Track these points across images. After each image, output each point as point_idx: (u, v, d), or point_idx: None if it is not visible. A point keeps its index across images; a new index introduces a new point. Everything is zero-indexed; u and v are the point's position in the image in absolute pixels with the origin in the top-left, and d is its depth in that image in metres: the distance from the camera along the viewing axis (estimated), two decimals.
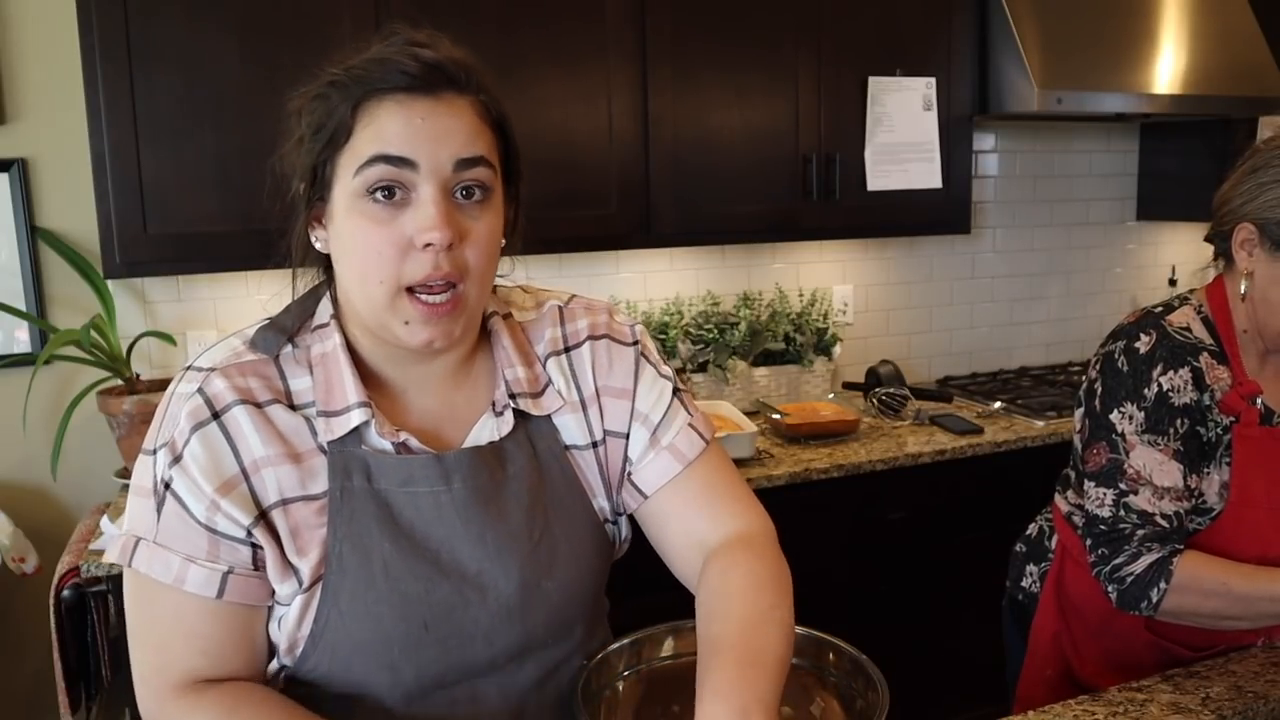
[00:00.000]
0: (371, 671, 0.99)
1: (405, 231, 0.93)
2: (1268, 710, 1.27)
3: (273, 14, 2.21)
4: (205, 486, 0.94)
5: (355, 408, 0.98)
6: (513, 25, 2.42)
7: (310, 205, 0.99)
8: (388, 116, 0.93)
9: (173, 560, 0.95)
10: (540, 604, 1.04)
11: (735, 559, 1.04)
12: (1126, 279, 3.78)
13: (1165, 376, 1.40)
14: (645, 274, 3.02)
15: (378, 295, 0.94)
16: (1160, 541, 1.37)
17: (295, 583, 0.97)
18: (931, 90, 2.87)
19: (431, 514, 0.99)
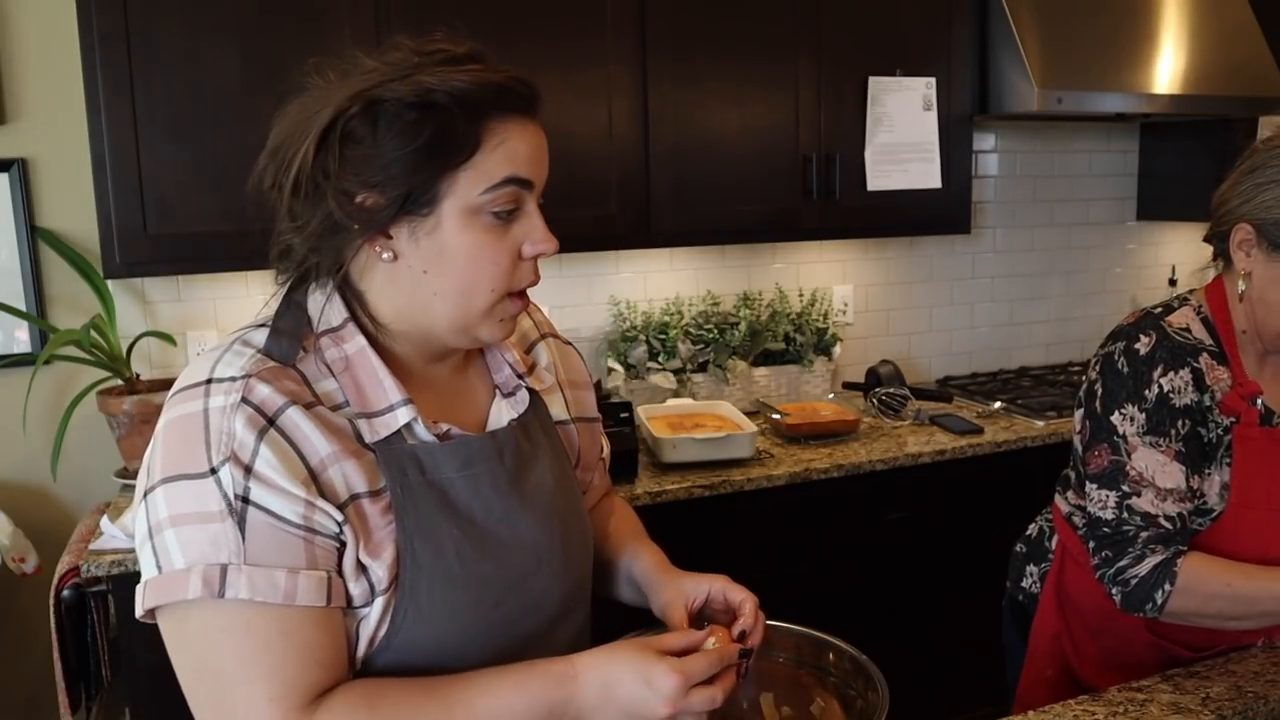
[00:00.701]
0: (444, 658, 0.99)
1: (517, 242, 1.00)
2: (1268, 710, 1.27)
3: (272, 15, 2.21)
4: (293, 488, 0.91)
5: (400, 406, 0.99)
6: (513, 25, 2.42)
7: (392, 218, 0.95)
8: (517, 139, 0.97)
9: (277, 576, 0.90)
10: (571, 565, 1.11)
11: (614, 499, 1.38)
12: (1126, 279, 3.78)
13: (1166, 378, 1.40)
14: (645, 274, 3.02)
15: (483, 302, 1.00)
16: (1164, 543, 1.36)
17: (366, 584, 0.96)
18: (931, 90, 2.87)
19: (489, 492, 1.03)
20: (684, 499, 2.35)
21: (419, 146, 0.93)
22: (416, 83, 0.94)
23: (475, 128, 0.95)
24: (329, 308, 1.01)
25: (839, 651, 1.20)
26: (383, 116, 0.94)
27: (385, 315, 1.02)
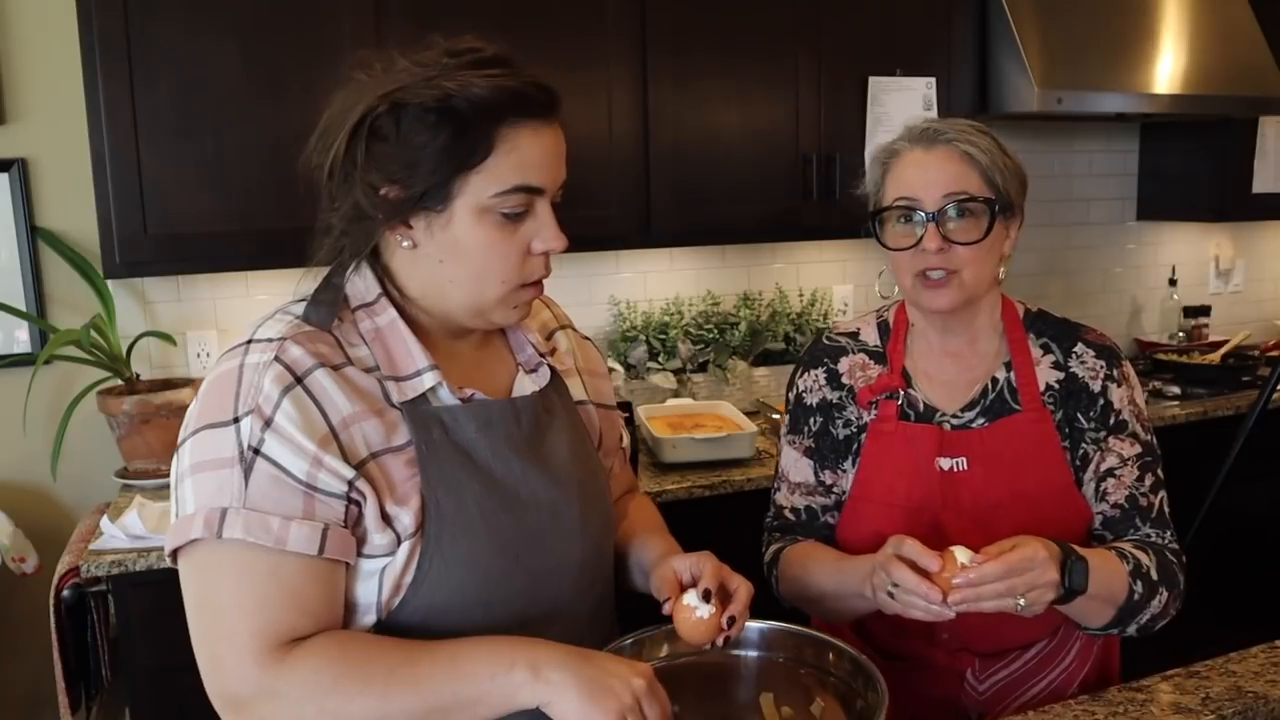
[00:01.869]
0: (469, 609, 1.05)
1: (526, 240, 1.07)
2: (1268, 710, 1.27)
3: (272, 15, 2.21)
4: (306, 444, 0.98)
5: (427, 371, 1.07)
6: (512, 25, 2.41)
7: (410, 210, 1.04)
8: (530, 145, 1.04)
9: (271, 521, 0.97)
10: (590, 532, 1.17)
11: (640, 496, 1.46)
12: (1126, 279, 3.78)
13: (802, 379, 1.51)
14: (645, 274, 3.02)
15: (495, 291, 1.08)
16: (785, 533, 1.48)
17: (393, 533, 1.02)
18: (931, 90, 2.87)
19: (507, 453, 1.11)
20: (684, 499, 2.35)
21: (436, 148, 1.01)
22: (438, 86, 1.01)
23: (489, 133, 1.01)
24: (363, 284, 1.10)
25: (839, 651, 1.20)
26: (405, 117, 1.01)
27: (411, 292, 1.10)
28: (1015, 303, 1.47)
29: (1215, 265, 3.92)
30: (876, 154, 1.41)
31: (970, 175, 1.33)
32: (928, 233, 1.32)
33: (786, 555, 1.44)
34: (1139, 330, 3.82)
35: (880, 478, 1.41)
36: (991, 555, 1.13)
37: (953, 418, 1.41)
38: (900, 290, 1.42)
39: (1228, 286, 3.95)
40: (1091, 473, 1.38)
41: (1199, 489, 2.50)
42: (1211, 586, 3.13)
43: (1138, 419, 1.41)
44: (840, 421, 1.46)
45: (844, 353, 1.49)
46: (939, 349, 1.44)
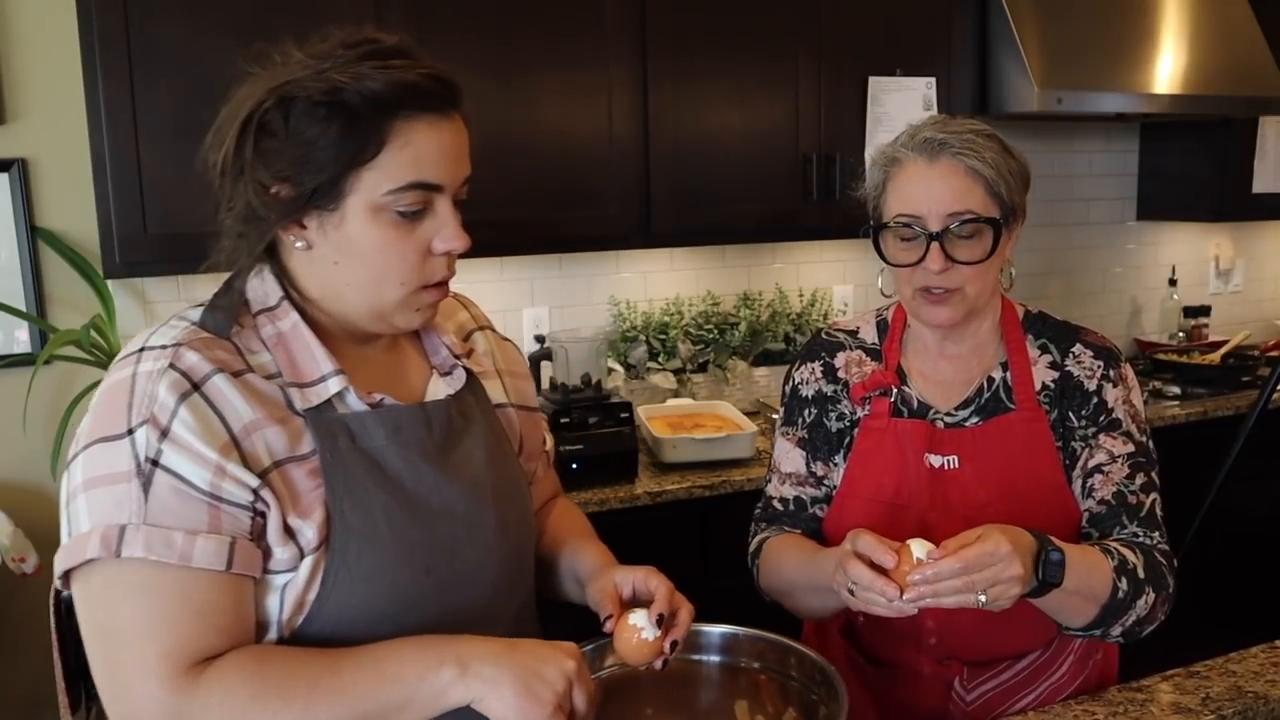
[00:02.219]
0: (377, 625, 1.00)
1: (426, 238, 1.02)
2: (1268, 710, 1.27)
3: (272, 15, 2.21)
4: (207, 453, 0.94)
5: (331, 376, 1.03)
6: (512, 25, 2.41)
7: (302, 209, 0.99)
8: (425, 140, 0.99)
9: (174, 536, 0.92)
10: (508, 540, 1.13)
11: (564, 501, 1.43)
12: (1126, 279, 3.78)
13: (799, 372, 1.50)
14: (645, 274, 3.02)
15: (394, 294, 1.03)
16: (770, 522, 1.47)
17: (296, 547, 0.98)
18: (931, 90, 2.87)
19: (418, 460, 1.06)
20: (684, 499, 2.35)
21: (325, 144, 0.96)
22: (327, 80, 0.97)
23: (381, 127, 0.97)
24: (264, 287, 1.05)
25: (801, 656, 1.20)
26: (294, 112, 0.97)
27: (311, 295, 1.06)
28: (1015, 304, 1.46)
29: (1215, 265, 3.92)
30: (878, 157, 1.38)
31: (974, 191, 1.30)
32: (930, 252, 1.30)
33: (768, 546, 1.43)
34: (1139, 330, 3.82)
35: (869, 474, 1.40)
36: (950, 550, 1.10)
37: (946, 415, 1.40)
38: (900, 300, 1.41)
39: (1228, 286, 3.95)
40: (1080, 469, 1.36)
41: (1199, 489, 2.50)
42: (1211, 586, 3.14)
43: (1133, 419, 1.39)
44: (834, 415, 1.45)
45: (841, 348, 1.48)
46: (936, 352, 1.44)
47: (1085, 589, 1.20)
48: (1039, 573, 1.14)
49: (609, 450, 2.38)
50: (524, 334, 2.88)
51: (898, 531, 1.32)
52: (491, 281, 2.86)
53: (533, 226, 2.51)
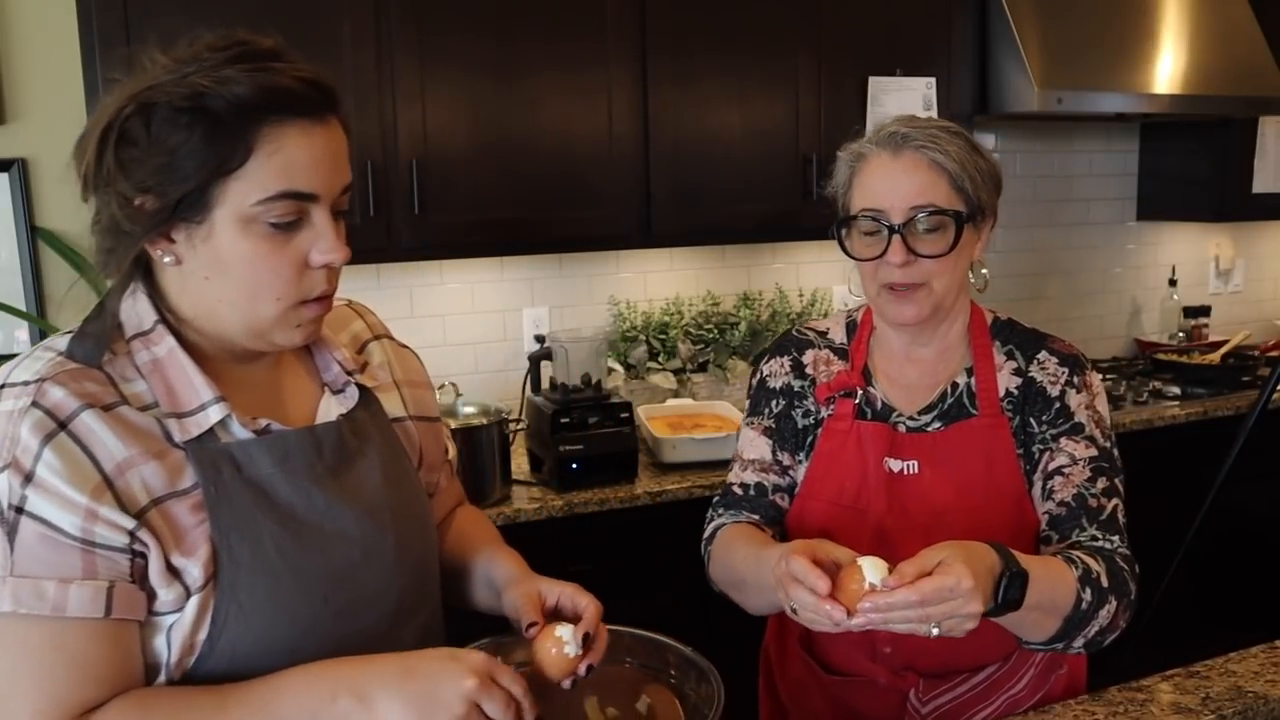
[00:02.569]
0: (276, 659, 0.95)
1: (302, 251, 0.96)
2: (1268, 710, 1.27)
3: (272, 15, 2.21)
4: (76, 496, 0.88)
5: (211, 404, 0.97)
6: (512, 25, 2.41)
7: (168, 222, 0.93)
8: (296, 147, 0.92)
9: (45, 587, 0.87)
10: (409, 561, 1.09)
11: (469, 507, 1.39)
12: (1126, 279, 3.78)
13: (767, 365, 1.49)
14: (645, 274, 3.02)
15: (270, 310, 0.96)
16: (729, 508, 1.45)
17: (181, 586, 0.93)
18: (931, 90, 2.87)
19: (310, 487, 1.01)
20: (684, 499, 2.35)
21: (188, 152, 0.90)
22: (190, 85, 0.91)
23: (247, 134, 0.90)
24: (138, 310, 0.99)
25: (675, 651, 1.20)
26: (155, 119, 0.91)
27: (184, 313, 0.99)
28: (985, 310, 1.44)
29: (1215, 265, 3.92)
30: (845, 154, 1.37)
31: (938, 185, 1.28)
32: (892, 245, 1.28)
33: (721, 535, 1.41)
34: (1139, 330, 3.82)
35: (831, 477, 1.38)
36: (907, 577, 1.03)
37: (909, 419, 1.38)
38: (867, 299, 1.40)
39: (1228, 286, 3.95)
40: (1040, 472, 1.34)
41: (1199, 489, 2.49)
42: (1211, 586, 3.14)
43: (1096, 425, 1.36)
44: (800, 411, 1.43)
45: (810, 346, 1.47)
46: (902, 355, 1.42)
47: (1047, 603, 1.16)
48: (999, 595, 1.08)
49: (609, 450, 2.38)
50: (524, 334, 2.88)
51: (857, 535, 1.32)
52: (491, 281, 2.86)
53: (533, 226, 2.51)
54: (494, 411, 2.33)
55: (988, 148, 3.43)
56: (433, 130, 2.37)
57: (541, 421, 2.39)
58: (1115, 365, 3.56)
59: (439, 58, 2.36)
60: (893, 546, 1.30)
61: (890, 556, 1.29)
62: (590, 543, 2.31)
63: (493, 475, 2.30)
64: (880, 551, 1.22)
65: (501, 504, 2.30)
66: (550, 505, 2.29)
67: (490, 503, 2.29)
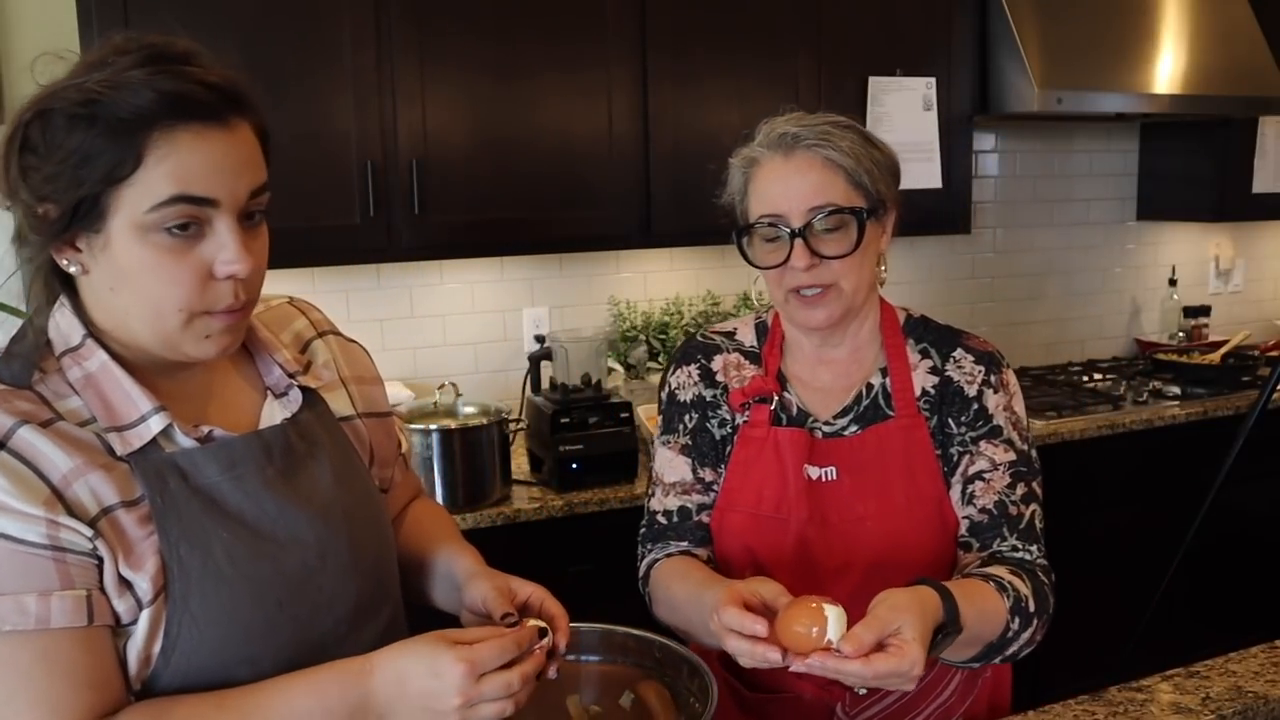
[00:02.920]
0: (231, 668, 0.95)
1: (204, 261, 0.92)
2: (1268, 710, 1.27)
3: (272, 15, 2.21)
4: (33, 509, 0.87)
5: (151, 415, 0.95)
6: (512, 25, 2.42)
7: (67, 230, 0.90)
8: (188, 152, 0.89)
9: (26, 601, 0.86)
10: (365, 562, 1.08)
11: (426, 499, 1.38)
12: (1126, 279, 3.78)
13: (674, 376, 1.43)
14: (645, 274, 3.02)
15: (174, 321, 0.93)
16: (655, 540, 1.39)
17: (133, 599, 0.92)
18: (931, 90, 2.87)
19: (260, 493, 1.00)
20: None
21: (80, 160, 0.88)
22: (86, 90, 0.89)
23: (138, 139, 0.88)
24: (64, 326, 0.96)
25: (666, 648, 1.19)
26: (50, 125, 0.90)
27: (99, 325, 0.97)
28: (896, 309, 1.41)
29: (1215, 265, 3.92)
30: (737, 160, 1.32)
31: (835, 183, 1.25)
32: (795, 250, 1.25)
33: (656, 575, 1.35)
34: (1139, 330, 3.82)
35: (747, 486, 1.34)
36: (865, 646, 0.99)
37: (825, 425, 1.35)
38: (776, 306, 1.37)
39: (1228, 286, 3.95)
40: (959, 475, 1.31)
41: (1199, 489, 2.50)
42: (1212, 586, 3.14)
43: (1014, 427, 1.33)
44: (715, 421, 1.39)
45: (718, 350, 1.42)
46: (814, 358, 1.38)
47: (974, 638, 1.14)
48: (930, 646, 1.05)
49: (609, 450, 2.38)
50: (524, 334, 2.88)
51: (778, 545, 1.30)
52: (491, 281, 2.86)
53: (533, 226, 2.51)
54: (494, 411, 2.33)
55: (987, 148, 3.44)
56: (433, 130, 2.37)
57: (541, 421, 2.39)
58: (1115, 365, 3.56)
59: (439, 58, 2.36)
60: (813, 556, 1.29)
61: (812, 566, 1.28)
62: (590, 543, 2.31)
63: (493, 475, 2.30)
64: (801, 562, 1.21)
65: (501, 504, 2.30)
66: (550, 505, 2.29)
67: (490, 503, 2.29)
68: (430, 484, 2.24)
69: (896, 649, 1.00)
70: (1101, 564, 2.97)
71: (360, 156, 2.31)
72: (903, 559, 1.29)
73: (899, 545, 1.28)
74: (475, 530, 2.20)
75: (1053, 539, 1.50)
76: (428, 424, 2.25)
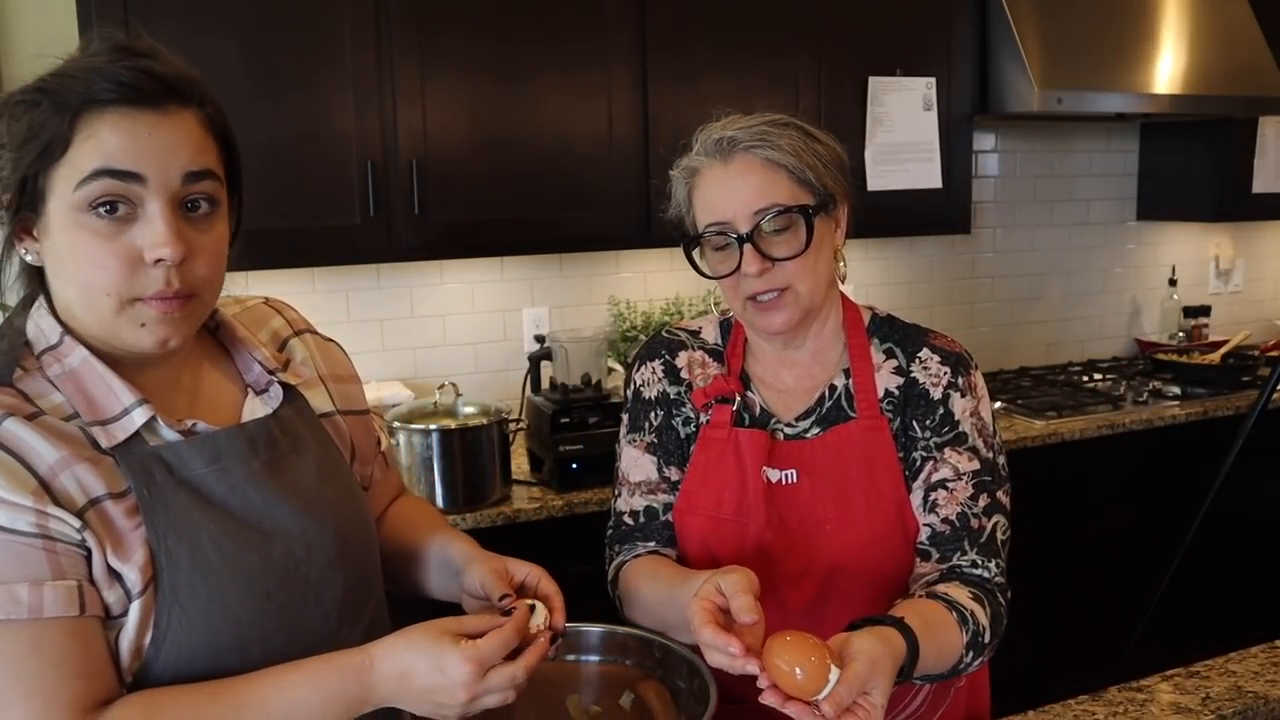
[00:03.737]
0: (222, 659, 0.96)
1: (135, 246, 0.92)
2: (1268, 710, 1.27)
3: (272, 15, 2.21)
4: (21, 499, 0.88)
5: (135, 408, 0.96)
6: (512, 25, 2.42)
7: (17, 217, 0.93)
8: (111, 129, 0.91)
9: (18, 591, 0.87)
10: (351, 555, 1.09)
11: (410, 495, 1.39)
12: (1126, 279, 3.78)
13: (639, 373, 1.41)
14: (645, 274, 3.02)
15: (105, 306, 0.93)
16: (622, 542, 1.37)
17: (122, 590, 0.93)
18: (931, 90, 2.87)
19: (245, 485, 1.01)
20: None
21: (20, 142, 0.91)
22: (38, 79, 0.92)
23: (68, 121, 0.90)
24: (42, 325, 0.98)
25: (667, 648, 1.19)
26: (8, 114, 0.92)
27: (62, 318, 0.97)
28: (861, 308, 1.38)
29: (1215, 265, 3.92)
30: (678, 171, 1.30)
31: (777, 183, 1.22)
32: (745, 256, 1.22)
33: (625, 575, 1.33)
34: (1139, 330, 3.82)
35: (708, 488, 1.32)
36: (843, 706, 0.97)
37: (787, 426, 1.32)
38: (735, 314, 1.34)
39: (1228, 286, 3.95)
40: (921, 481, 1.28)
41: (1199, 489, 2.50)
42: (1212, 586, 3.14)
43: (980, 434, 1.30)
44: (680, 419, 1.37)
45: (682, 347, 1.39)
46: (776, 360, 1.36)
47: (933, 667, 1.12)
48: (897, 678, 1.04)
49: (609, 450, 2.35)
50: (524, 334, 2.88)
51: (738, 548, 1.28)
52: (491, 281, 2.86)
53: (533, 226, 2.52)
54: (494, 411, 2.33)
55: (987, 148, 3.44)
56: (433, 130, 2.37)
57: (541, 421, 2.39)
58: (1115, 365, 3.56)
59: (439, 58, 2.36)
60: (772, 559, 1.27)
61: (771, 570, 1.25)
62: (590, 543, 2.29)
63: (493, 475, 2.30)
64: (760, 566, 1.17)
65: (501, 504, 2.30)
66: (550, 505, 2.29)
67: (490, 503, 2.29)
68: (430, 484, 2.25)
69: (865, 713, 0.99)
70: (1101, 564, 2.97)
71: (360, 156, 2.31)
72: (862, 564, 1.27)
73: (858, 550, 1.25)
74: (475, 530, 2.20)
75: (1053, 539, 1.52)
76: (428, 424, 2.25)
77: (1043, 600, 2.91)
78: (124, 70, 0.92)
